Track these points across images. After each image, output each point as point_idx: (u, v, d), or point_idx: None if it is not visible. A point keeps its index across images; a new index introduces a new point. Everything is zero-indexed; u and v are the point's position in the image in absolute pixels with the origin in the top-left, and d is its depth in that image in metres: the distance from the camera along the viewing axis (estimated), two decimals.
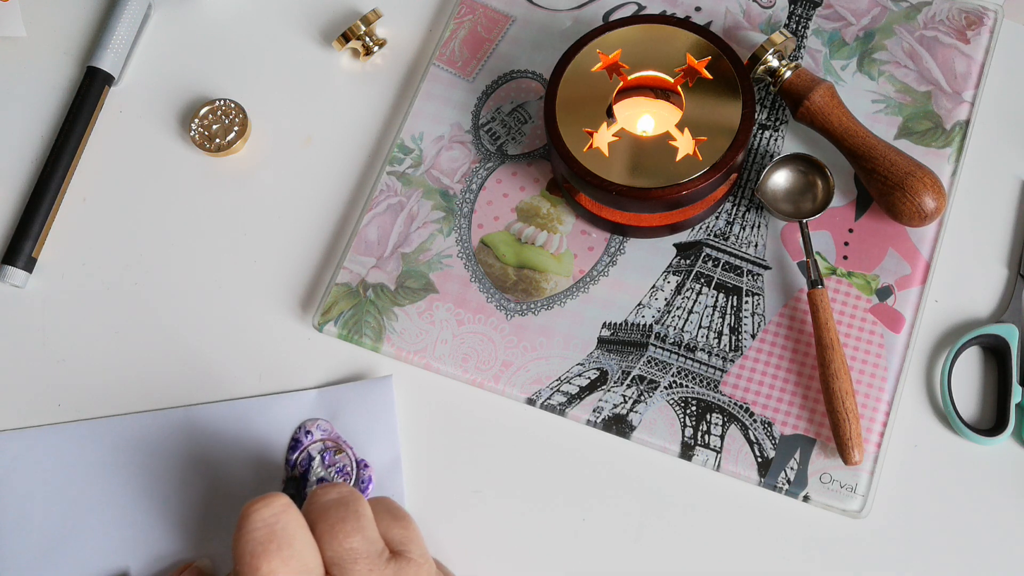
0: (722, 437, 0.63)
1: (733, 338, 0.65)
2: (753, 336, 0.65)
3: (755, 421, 0.64)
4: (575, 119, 0.65)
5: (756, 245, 0.67)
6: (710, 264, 0.67)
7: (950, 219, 0.67)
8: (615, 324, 0.66)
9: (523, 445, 0.65)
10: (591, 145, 0.64)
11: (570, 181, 0.65)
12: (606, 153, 0.64)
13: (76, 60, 0.76)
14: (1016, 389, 0.63)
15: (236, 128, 0.72)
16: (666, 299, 0.66)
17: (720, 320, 0.66)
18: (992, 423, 0.64)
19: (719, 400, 0.64)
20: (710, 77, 0.65)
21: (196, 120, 0.72)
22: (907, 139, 0.68)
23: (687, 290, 0.67)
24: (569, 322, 0.66)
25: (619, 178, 0.63)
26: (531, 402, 0.65)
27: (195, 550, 0.64)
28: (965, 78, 0.69)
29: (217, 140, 0.72)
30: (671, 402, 0.64)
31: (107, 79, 0.74)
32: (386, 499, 0.58)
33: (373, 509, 0.55)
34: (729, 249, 0.67)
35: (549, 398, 0.65)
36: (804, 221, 0.66)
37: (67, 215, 0.72)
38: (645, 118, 0.67)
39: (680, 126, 0.64)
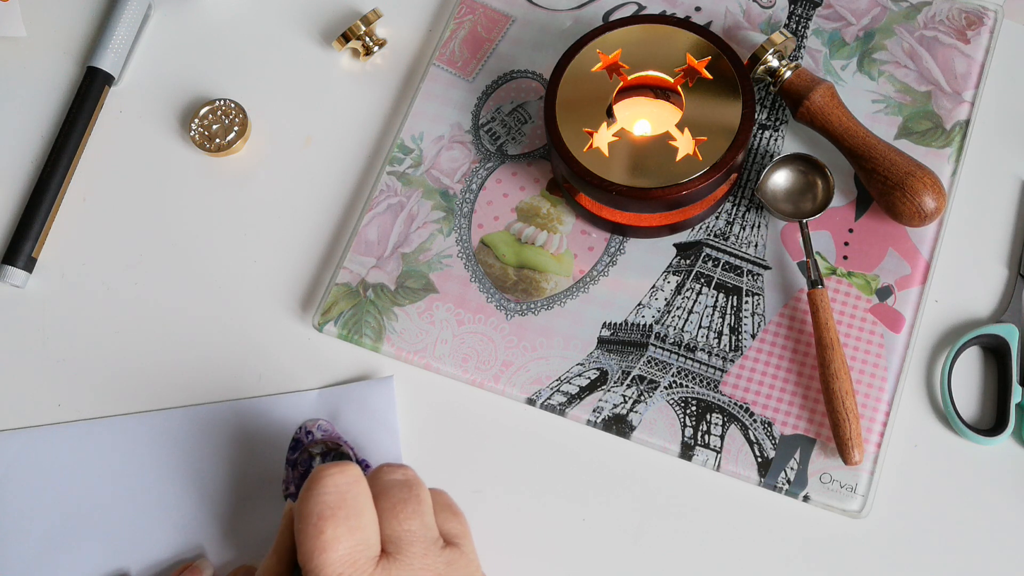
0: (722, 437, 0.63)
1: (733, 338, 0.65)
2: (753, 336, 0.65)
3: (755, 421, 0.64)
4: (575, 119, 0.65)
5: (756, 245, 0.67)
6: (710, 264, 0.67)
7: (950, 219, 0.67)
8: (615, 324, 0.66)
9: (523, 445, 0.65)
10: (591, 145, 0.64)
11: (570, 181, 0.65)
12: (606, 153, 0.64)
13: (76, 60, 0.76)
14: (1016, 389, 0.63)
15: (236, 128, 0.72)
16: (666, 299, 0.66)
17: (720, 320, 0.66)
18: (992, 423, 0.64)
19: (719, 400, 0.64)
20: (710, 77, 0.65)
21: (196, 120, 0.72)
22: (907, 139, 0.68)
23: (687, 290, 0.66)
24: (569, 322, 0.66)
25: (619, 178, 0.63)
26: (531, 402, 0.65)
27: (195, 551, 0.64)
28: (965, 78, 0.69)
29: (217, 140, 0.72)
30: (671, 402, 0.64)
31: (107, 79, 0.74)
32: (444, 493, 0.58)
33: (432, 499, 0.56)
34: (729, 249, 0.67)
35: (549, 398, 0.65)
36: (804, 221, 0.66)
37: (67, 215, 0.72)
38: (645, 119, 0.67)
39: (680, 126, 0.64)
